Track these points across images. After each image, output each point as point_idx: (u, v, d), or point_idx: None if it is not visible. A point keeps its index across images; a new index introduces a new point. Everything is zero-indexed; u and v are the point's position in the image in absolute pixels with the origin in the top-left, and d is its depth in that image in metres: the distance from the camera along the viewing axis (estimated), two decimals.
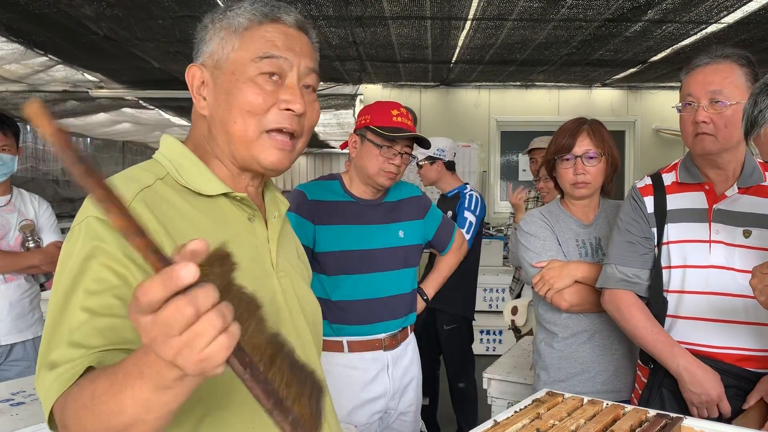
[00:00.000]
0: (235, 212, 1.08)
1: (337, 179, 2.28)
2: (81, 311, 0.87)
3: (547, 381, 2.08)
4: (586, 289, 2.01)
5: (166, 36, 4.73)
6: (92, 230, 0.91)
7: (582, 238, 2.11)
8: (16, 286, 2.90)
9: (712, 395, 1.66)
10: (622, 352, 2.06)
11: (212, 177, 1.05)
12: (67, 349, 0.85)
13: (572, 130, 2.07)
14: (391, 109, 2.20)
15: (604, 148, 2.05)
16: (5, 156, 2.86)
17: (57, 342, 0.87)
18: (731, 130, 1.67)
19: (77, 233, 0.94)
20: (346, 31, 4.74)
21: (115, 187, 0.59)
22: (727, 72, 1.69)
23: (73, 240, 0.93)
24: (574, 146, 2.04)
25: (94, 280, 0.89)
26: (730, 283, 1.71)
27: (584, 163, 2.04)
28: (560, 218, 2.14)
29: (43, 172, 9.34)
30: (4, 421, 1.95)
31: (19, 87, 6.34)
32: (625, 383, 2.05)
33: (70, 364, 0.83)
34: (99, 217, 0.92)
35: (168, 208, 0.99)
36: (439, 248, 2.54)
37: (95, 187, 0.59)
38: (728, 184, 1.76)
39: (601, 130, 2.08)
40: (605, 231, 2.10)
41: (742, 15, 4.26)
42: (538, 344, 2.18)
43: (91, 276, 0.89)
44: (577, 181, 2.05)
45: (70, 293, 0.89)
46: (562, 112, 7.01)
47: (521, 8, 4.17)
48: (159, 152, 1.09)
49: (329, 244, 2.16)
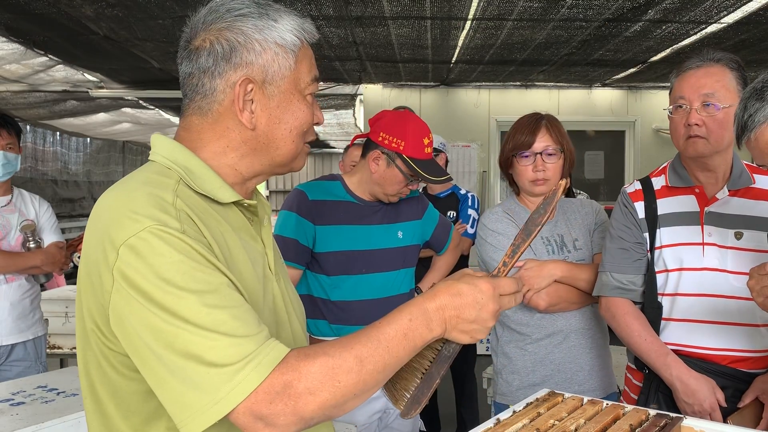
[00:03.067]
0: (242, 218, 1.09)
1: (338, 180, 2.27)
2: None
3: (520, 386, 2.03)
4: (563, 287, 1.98)
5: (166, 36, 4.73)
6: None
7: (546, 235, 2.07)
8: (17, 286, 2.90)
9: (704, 406, 1.67)
10: (596, 351, 2.04)
11: (223, 184, 1.05)
12: (245, 340, 0.87)
13: (531, 126, 2.03)
14: (423, 138, 2.17)
15: (562, 144, 2.02)
16: (9, 155, 2.87)
17: (209, 342, 0.86)
18: (722, 133, 1.68)
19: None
20: (346, 31, 4.74)
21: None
22: (719, 75, 1.70)
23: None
24: (534, 143, 2.01)
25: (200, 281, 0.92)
26: (723, 285, 1.72)
27: (544, 159, 2.00)
28: (522, 216, 2.08)
29: (41, 172, 9.34)
30: (4, 421, 1.95)
31: (19, 87, 6.34)
32: (599, 382, 2.03)
33: (262, 354, 0.87)
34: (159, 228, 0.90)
35: (200, 211, 0.99)
36: (436, 248, 2.53)
37: None
38: (718, 187, 1.77)
39: (558, 125, 2.05)
40: (565, 228, 2.07)
41: (742, 15, 4.26)
42: (503, 347, 2.10)
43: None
44: (537, 178, 2.02)
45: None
46: (562, 112, 7.01)
47: (521, 8, 4.17)
48: (159, 155, 1.05)
49: (329, 245, 2.16)
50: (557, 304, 1.99)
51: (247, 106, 1.03)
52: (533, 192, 2.06)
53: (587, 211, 2.13)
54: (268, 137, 1.05)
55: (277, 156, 1.08)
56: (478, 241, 2.13)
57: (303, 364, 0.88)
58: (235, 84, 1.02)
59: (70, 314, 4.10)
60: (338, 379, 0.88)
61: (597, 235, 2.09)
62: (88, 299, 0.95)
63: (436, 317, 0.97)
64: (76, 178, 10.50)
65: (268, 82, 1.03)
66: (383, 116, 2.22)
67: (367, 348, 0.92)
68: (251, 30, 1.02)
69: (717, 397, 1.67)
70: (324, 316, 2.19)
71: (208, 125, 1.05)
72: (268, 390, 0.85)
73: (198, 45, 1.03)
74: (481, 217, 2.21)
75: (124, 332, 0.90)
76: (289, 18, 1.05)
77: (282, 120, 1.05)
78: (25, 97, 6.78)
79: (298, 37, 1.05)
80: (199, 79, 1.04)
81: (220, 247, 0.97)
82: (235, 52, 1.01)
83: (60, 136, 9.78)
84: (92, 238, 0.95)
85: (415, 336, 0.95)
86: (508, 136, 2.10)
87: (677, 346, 1.76)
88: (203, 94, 1.04)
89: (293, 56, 1.04)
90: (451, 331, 0.98)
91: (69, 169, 10.26)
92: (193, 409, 0.84)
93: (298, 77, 1.06)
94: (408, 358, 0.96)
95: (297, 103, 1.06)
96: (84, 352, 1.00)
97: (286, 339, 1.11)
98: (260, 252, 1.10)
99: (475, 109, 7.13)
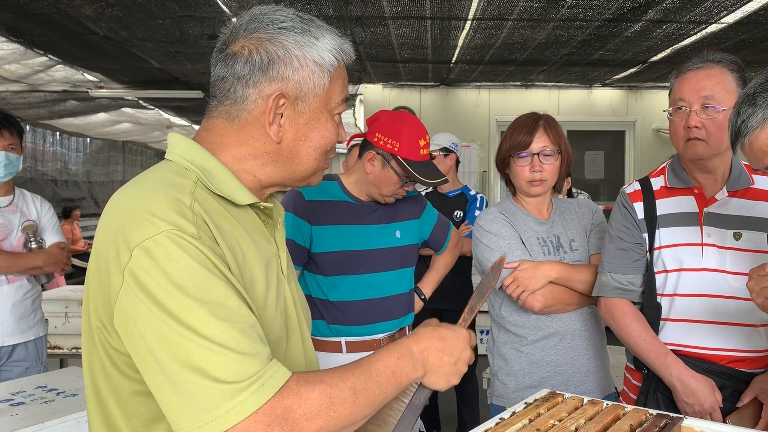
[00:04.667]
0: (257, 221, 1.09)
1: (335, 180, 2.26)
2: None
3: (517, 388, 2.01)
4: (558, 288, 1.96)
5: (166, 36, 4.74)
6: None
7: (542, 236, 2.05)
8: (18, 286, 2.90)
9: (705, 406, 1.67)
10: (593, 353, 2.03)
11: (240, 186, 1.04)
12: (249, 359, 0.86)
13: (528, 126, 2.01)
14: (419, 139, 2.15)
15: (560, 144, 2.01)
16: (11, 155, 2.87)
17: (214, 357, 0.85)
18: (722, 135, 1.67)
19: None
20: (346, 31, 4.74)
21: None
22: (719, 77, 1.69)
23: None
24: (531, 143, 1.99)
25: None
26: (722, 286, 1.72)
27: (541, 160, 1.98)
28: (518, 216, 2.07)
29: (41, 173, 9.34)
30: (4, 421, 1.95)
31: (19, 87, 6.34)
32: (596, 384, 2.02)
33: (266, 376, 0.86)
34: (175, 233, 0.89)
35: (214, 214, 0.98)
36: (435, 247, 2.52)
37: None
38: (717, 188, 1.77)
39: (556, 125, 2.03)
40: (562, 229, 2.07)
41: (742, 15, 4.26)
42: (500, 349, 2.08)
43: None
44: (534, 178, 1.99)
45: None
46: (562, 112, 7.02)
47: (521, 8, 4.17)
48: (176, 154, 1.04)
49: (326, 245, 2.16)
50: (553, 305, 1.97)
51: (276, 120, 1.03)
52: (529, 192, 2.04)
53: (584, 212, 2.12)
54: (292, 152, 1.06)
55: (297, 171, 1.08)
56: (474, 241, 2.12)
57: (303, 389, 0.88)
58: (269, 97, 1.01)
59: (70, 314, 4.10)
60: (334, 409, 0.90)
61: (594, 235, 2.08)
62: (96, 297, 0.95)
63: (421, 359, 1.04)
64: (76, 178, 10.52)
65: (301, 99, 1.03)
66: (380, 116, 2.21)
67: (361, 380, 0.94)
68: (292, 45, 1.01)
69: (716, 397, 1.68)
70: (322, 316, 2.18)
71: (233, 130, 1.05)
72: (268, 413, 0.85)
73: (236, 51, 1.02)
74: (477, 217, 2.20)
75: (128, 334, 0.90)
76: (331, 37, 1.05)
77: (308, 137, 1.06)
78: (25, 97, 6.78)
79: (336, 58, 1.05)
80: (232, 84, 1.02)
81: (233, 253, 0.97)
82: (273, 65, 1.01)
83: (60, 136, 9.79)
84: (105, 235, 0.93)
85: (401, 374, 1.00)
86: (505, 136, 2.07)
87: (676, 346, 1.76)
88: (234, 100, 1.03)
89: (329, 76, 1.04)
90: (432, 374, 1.06)
91: (69, 169, 10.27)
92: (191, 422, 0.84)
93: (330, 97, 1.06)
94: (393, 395, 1.00)
95: (325, 122, 1.06)
96: (89, 350, 1.00)
97: (296, 343, 1.11)
98: (274, 254, 1.10)
99: (475, 109, 7.13)
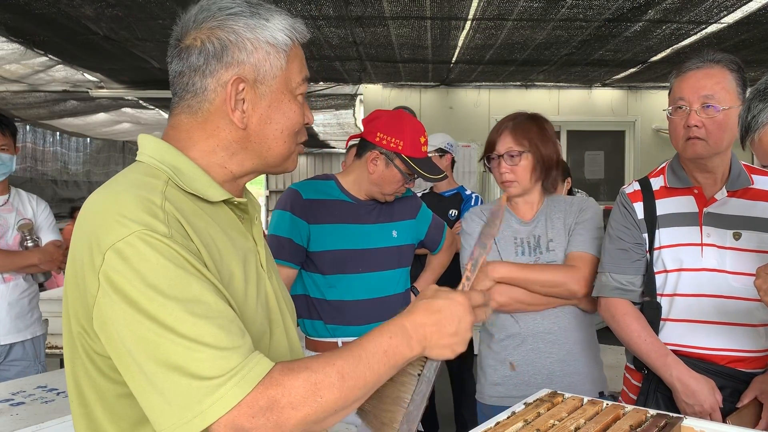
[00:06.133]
0: (232, 217, 1.08)
1: (332, 179, 2.26)
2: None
3: (485, 384, 2.06)
4: (516, 289, 1.97)
5: (166, 36, 4.68)
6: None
7: (521, 237, 2.07)
8: (14, 285, 2.90)
9: (705, 407, 1.67)
10: (557, 356, 2.00)
11: (212, 182, 1.04)
12: (228, 353, 0.86)
13: (497, 128, 2.06)
14: (420, 137, 2.19)
15: (527, 145, 2.01)
16: (4, 156, 2.86)
17: (193, 355, 0.85)
18: (722, 134, 1.68)
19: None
20: (346, 31, 4.74)
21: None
22: (719, 77, 1.70)
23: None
24: (496, 145, 2.03)
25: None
26: (722, 286, 1.72)
27: (506, 161, 2.01)
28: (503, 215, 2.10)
29: (41, 172, 9.34)
30: (4, 421, 1.95)
31: (19, 87, 6.34)
32: (565, 387, 2.01)
33: (246, 369, 0.86)
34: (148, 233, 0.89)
35: (188, 213, 0.98)
36: (431, 247, 2.53)
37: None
38: (717, 188, 1.77)
39: (526, 126, 2.03)
40: (544, 229, 2.06)
41: (742, 15, 4.26)
42: (480, 345, 2.14)
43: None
44: (503, 179, 2.03)
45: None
46: (563, 112, 7.02)
47: (521, 8, 4.17)
48: (146, 155, 1.04)
49: (324, 244, 2.16)
50: (510, 304, 1.99)
51: (238, 106, 1.02)
52: (508, 193, 2.08)
53: (571, 211, 2.10)
54: (260, 137, 1.05)
55: (269, 156, 1.07)
56: (461, 242, 2.17)
57: (287, 378, 0.88)
58: (227, 83, 1.01)
59: None
60: (320, 395, 0.88)
61: (576, 234, 2.06)
62: (75, 302, 0.94)
63: (416, 335, 0.98)
64: (76, 178, 10.51)
65: (260, 82, 1.03)
66: (379, 116, 2.22)
67: (349, 364, 0.92)
68: (243, 29, 1.01)
69: (716, 397, 1.67)
70: (320, 316, 2.18)
71: (198, 124, 1.04)
72: (251, 404, 0.85)
73: (189, 44, 1.02)
74: (462, 219, 2.24)
75: (108, 337, 0.89)
76: (281, 17, 1.05)
77: (273, 119, 1.05)
78: (24, 97, 6.78)
79: (289, 37, 1.04)
80: (190, 77, 1.02)
81: (209, 250, 0.96)
82: (226, 51, 1.00)
83: (60, 136, 9.79)
84: (79, 240, 0.93)
85: (395, 353, 0.96)
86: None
87: (675, 346, 1.76)
88: (194, 93, 1.03)
89: (284, 56, 1.04)
90: (432, 348, 1.00)
91: (69, 169, 10.26)
92: (174, 420, 0.84)
93: (289, 77, 1.05)
94: (388, 375, 0.97)
95: (288, 103, 1.05)
96: (72, 356, 0.99)
97: (279, 337, 1.10)
98: (252, 249, 1.09)
99: (475, 109, 7.13)
